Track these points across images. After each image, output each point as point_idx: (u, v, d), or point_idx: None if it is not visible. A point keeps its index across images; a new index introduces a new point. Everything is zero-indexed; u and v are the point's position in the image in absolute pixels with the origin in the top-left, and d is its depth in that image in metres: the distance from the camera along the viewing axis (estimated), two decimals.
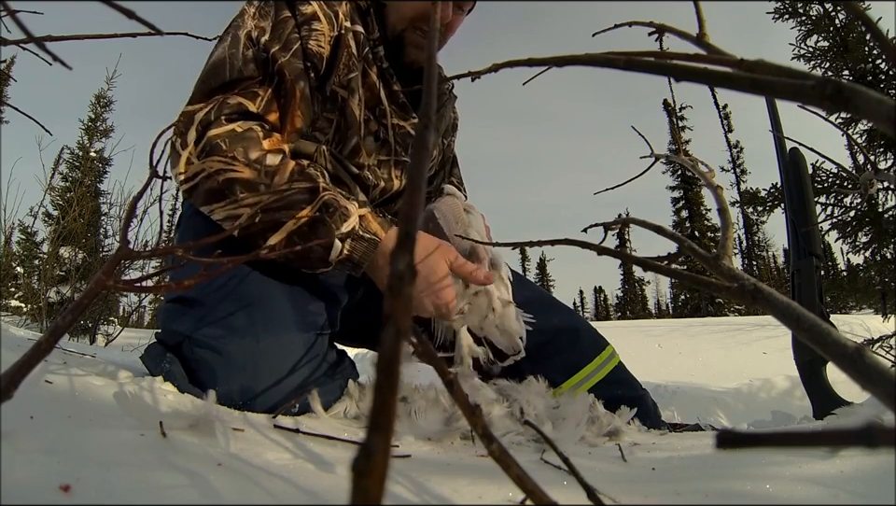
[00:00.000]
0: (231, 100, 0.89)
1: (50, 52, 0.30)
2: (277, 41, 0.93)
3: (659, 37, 0.59)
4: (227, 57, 0.91)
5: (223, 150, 0.85)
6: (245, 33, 0.93)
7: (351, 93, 1.00)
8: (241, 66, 0.91)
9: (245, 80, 0.91)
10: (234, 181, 0.84)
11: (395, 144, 1.09)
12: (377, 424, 0.14)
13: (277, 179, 0.86)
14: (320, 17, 0.96)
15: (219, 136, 0.86)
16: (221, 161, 0.85)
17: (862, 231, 2.66)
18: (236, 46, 0.92)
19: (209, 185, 0.86)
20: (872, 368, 0.26)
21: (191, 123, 0.88)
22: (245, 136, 0.87)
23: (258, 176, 0.85)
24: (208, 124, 0.87)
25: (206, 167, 0.85)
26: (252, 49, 0.92)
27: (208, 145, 0.86)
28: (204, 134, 0.86)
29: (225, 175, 0.85)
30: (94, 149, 8.45)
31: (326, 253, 0.86)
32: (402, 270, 0.16)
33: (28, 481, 0.36)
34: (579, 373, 1.08)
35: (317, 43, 0.95)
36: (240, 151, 0.85)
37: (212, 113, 0.88)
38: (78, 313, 0.35)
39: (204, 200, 0.87)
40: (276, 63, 0.92)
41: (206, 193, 0.86)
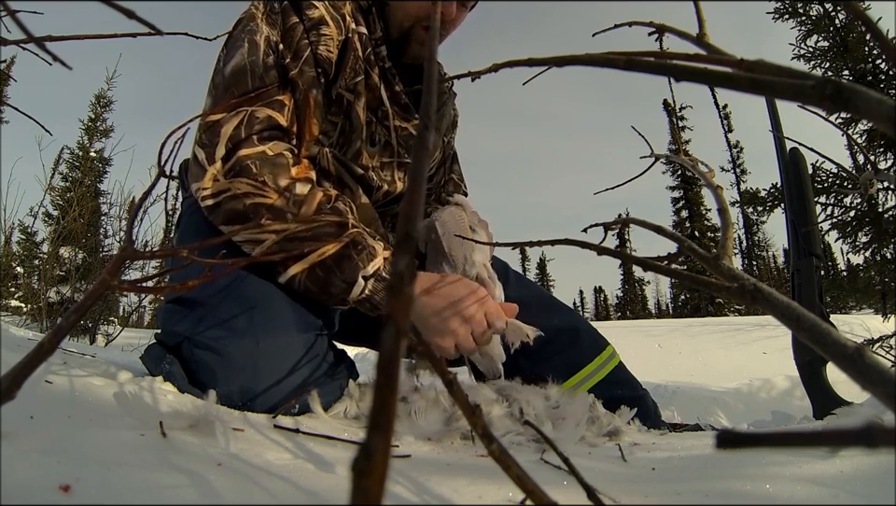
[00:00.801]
0: (259, 113, 0.88)
1: (50, 52, 0.30)
2: (288, 50, 0.92)
3: (659, 37, 0.59)
4: (247, 64, 0.90)
5: (253, 173, 0.84)
6: (264, 38, 0.92)
7: (357, 97, 1.00)
8: (262, 73, 0.90)
9: (269, 89, 0.90)
10: (261, 206, 0.84)
11: (397, 146, 1.09)
12: (377, 424, 0.14)
13: (305, 209, 0.85)
14: (328, 21, 0.95)
15: (250, 157, 0.85)
16: (250, 184, 0.84)
17: (862, 231, 2.65)
18: (256, 52, 0.91)
19: (233, 206, 0.85)
20: (872, 368, 0.26)
21: (218, 136, 0.86)
22: (275, 162, 0.86)
23: (286, 205, 0.84)
24: (239, 142, 0.86)
25: (234, 188, 0.84)
26: (272, 56, 0.91)
27: (238, 165, 0.85)
28: (235, 153, 0.85)
29: (253, 200, 0.84)
30: (94, 149, 8.45)
31: (347, 290, 0.85)
32: (402, 270, 0.16)
33: (28, 481, 0.36)
34: (579, 373, 1.08)
35: (326, 48, 0.95)
36: (270, 177, 0.85)
37: (242, 129, 0.86)
38: (82, 313, 0.35)
39: (226, 220, 0.86)
40: (289, 74, 0.91)
41: (229, 214, 0.85)
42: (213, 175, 0.86)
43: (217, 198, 0.86)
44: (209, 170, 0.86)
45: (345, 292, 0.85)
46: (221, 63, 0.94)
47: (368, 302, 0.87)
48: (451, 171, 1.38)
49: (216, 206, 0.86)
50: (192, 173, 0.89)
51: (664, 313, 35.94)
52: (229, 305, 0.85)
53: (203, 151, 0.87)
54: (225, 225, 0.87)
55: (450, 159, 1.37)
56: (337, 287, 0.85)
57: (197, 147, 0.88)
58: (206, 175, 0.86)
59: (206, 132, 0.87)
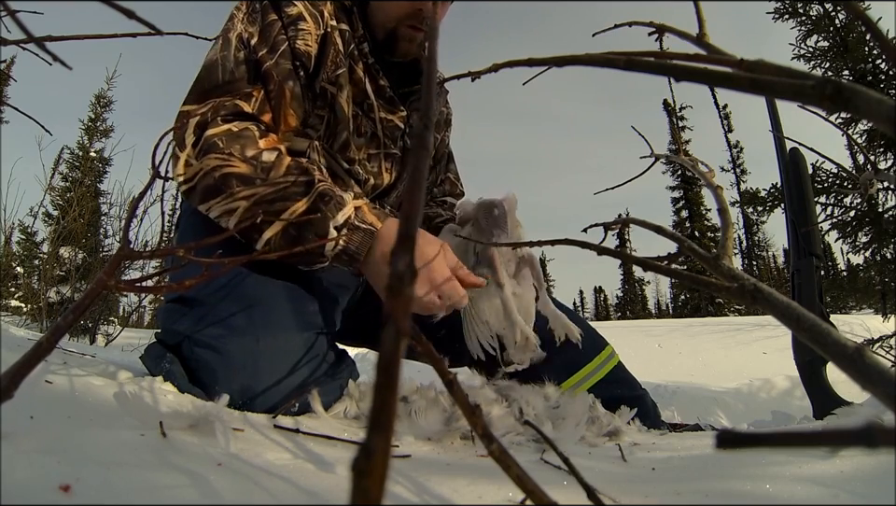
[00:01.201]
0: (226, 102, 0.90)
1: (50, 52, 0.30)
2: (265, 44, 0.94)
3: (659, 37, 0.59)
4: (219, 59, 0.93)
5: (220, 148, 0.86)
6: (236, 35, 0.95)
7: (339, 89, 1.02)
8: (233, 68, 0.92)
9: (238, 82, 0.92)
10: (230, 175, 0.85)
11: (383, 137, 1.10)
12: (377, 424, 0.14)
13: (273, 174, 0.86)
14: (306, 17, 0.98)
15: (216, 135, 0.87)
16: (218, 157, 0.85)
17: (862, 231, 2.66)
18: (228, 48, 0.94)
19: (206, 182, 0.86)
20: (872, 368, 0.26)
21: (188, 126, 0.89)
22: (241, 135, 0.88)
23: (253, 171, 0.85)
24: (205, 125, 0.88)
25: (204, 165, 0.86)
26: (244, 51, 0.94)
27: (206, 144, 0.86)
28: (202, 135, 0.87)
29: (221, 171, 0.85)
30: (94, 149, 8.45)
31: (322, 245, 0.85)
32: (402, 270, 0.16)
33: (28, 481, 0.36)
34: (578, 373, 1.08)
35: (304, 42, 0.97)
36: (237, 148, 0.86)
37: (208, 114, 0.89)
38: (80, 313, 0.35)
39: (202, 198, 0.87)
40: (263, 66, 0.93)
41: (203, 191, 0.87)
42: (185, 161, 0.88)
43: (192, 181, 0.87)
44: (181, 156, 0.88)
45: (320, 246, 0.85)
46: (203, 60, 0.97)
47: (344, 253, 0.86)
48: (447, 170, 1.38)
49: (192, 189, 0.88)
50: (171, 164, 0.91)
51: (664, 313, 35.93)
52: (229, 304, 0.85)
53: (175, 140, 0.89)
54: (202, 203, 0.88)
55: (445, 158, 1.37)
56: (309, 241, 0.85)
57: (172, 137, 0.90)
58: (179, 162, 0.88)
59: (178, 123, 0.90)
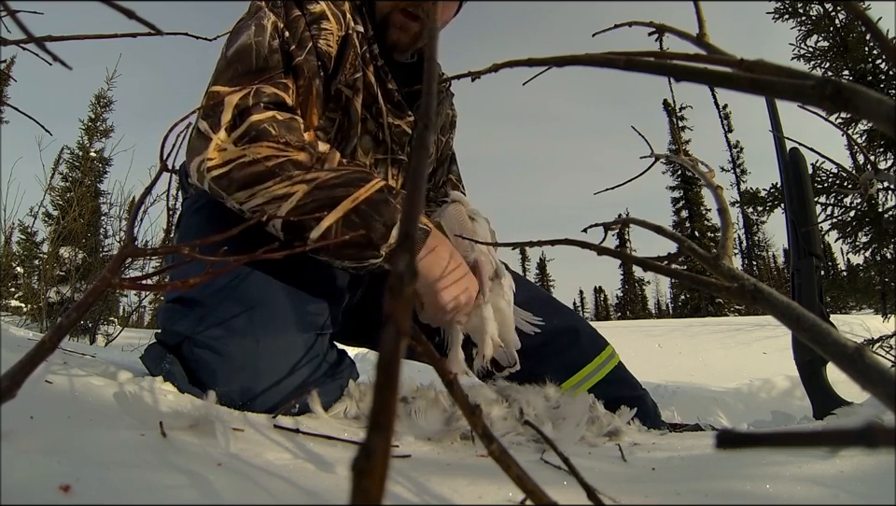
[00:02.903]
0: (266, 89, 0.87)
1: (50, 52, 0.30)
2: (293, 39, 0.92)
3: (659, 37, 0.59)
4: (253, 43, 0.89)
5: (273, 135, 0.82)
6: (272, 22, 0.92)
7: (356, 93, 1.00)
8: (266, 55, 0.89)
9: (271, 70, 0.89)
10: (288, 162, 0.82)
11: (391, 143, 1.09)
12: (377, 424, 0.14)
13: (327, 165, 0.84)
14: (329, 16, 0.96)
15: (264, 121, 0.83)
16: (272, 146, 0.82)
17: (862, 231, 2.66)
18: (262, 34, 0.91)
19: (252, 169, 0.82)
20: (872, 368, 0.26)
21: (222, 105, 0.84)
22: (289, 125, 0.85)
23: (310, 160, 0.83)
24: (247, 109, 0.84)
25: (250, 154, 0.82)
26: (278, 41, 0.91)
27: (252, 129, 0.82)
28: (244, 119, 0.83)
29: (277, 161, 0.81)
30: (94, 149, 8.45)
31: (387, 234, 0.82)
32: (402, 270, 0.16)
33: (28, 481, 0.36)
34: (578, 373, 1.08)
35: (326, 43, 0.95)
36: (291, 137, 0.83)
37: (249, 98, 0.85)
38: (83, 311, 0.35)
39: (243, 185, 0.83)
40: (294, 61, 0.91)
41: (248, 177, 0.82)
42: (217, 145, 0.83)
43: (227, 166, 0.83)
44: (213, 139, 0.83)
45: (384, 237, 0.82)
46: (225, 49, 0.94)
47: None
48: (449, 171, 1.38)
49: (225, 175, 0.83)
50: (193, 147, 0.86)
51: (664, 313, 35.93)
52: (229, 305, 0.85)
53: (206, 122, 0.84)
54: (242, 190, 0.83)
55: (448, 159, 1.37)
56: (377, 230, 0.81)
57: (200, 119, 0.85)
58: (211, 145, 0.83)
59: (209, 104, 0.85)
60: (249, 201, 0.83)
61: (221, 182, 0.84)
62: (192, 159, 0.86)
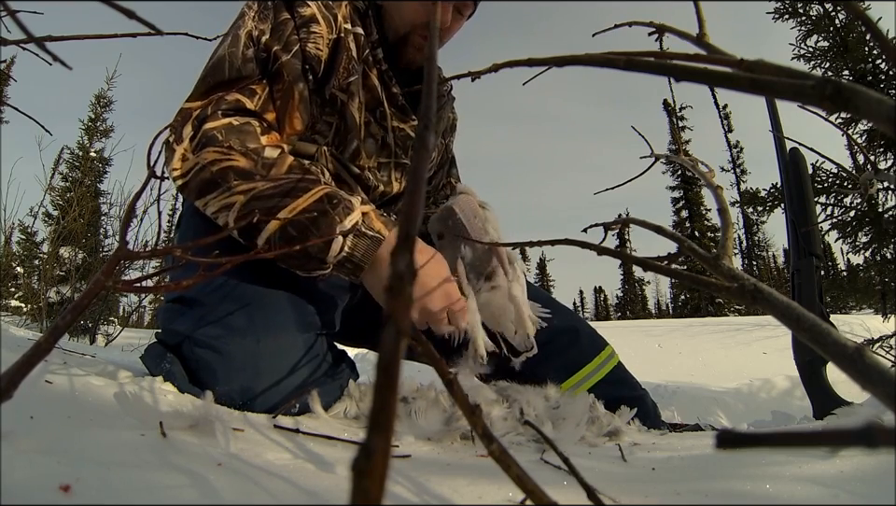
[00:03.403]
0: (228, 97, 0.89)
1: (50, 52, 0.30)
2: (278, 41, 0.92)
3: (659, 37, 0.59)
4: (227, 55, 0.91)
5: (219, 141, 0.83)
6: (246, 32, 0.93)
7: (350, 97, 1.00)
8: (240, 65, 0.90)
9: (244, 79, 0.90)
10: (228, 169, 0.82)
11: (395, 146, 1.09)
12: (377, 424, 0.14)
13: (275, 171, 0.83)
14: (319, 19, 0.96)
15: (215, 128, 0.84)
16: (216, 151, 0.83)
17: (862, 231, 2.66)
18: (236, 45, 0.92)
19: (202, 176, 0.83)
20: (872, 368, 0.26)
21: (188, 119, 0.87)
22: (242, 129, 0.86)
23: (253, 166, 0.83)
24: (204, 118, 0.86)
25: (201, 160, 0.83)
26: (252, 49, 0.92)
27: (204, 137, 0.84)
28: (200, 128, 0.85)
29: (219, 165, 0.82)
30: (94, 149, 8.46)
31: (325, 249, 0.81)
32: (402, 270, 0.16)
33: (28, 481, 0.36)
34: (578, 373, 1.08)
35: (315, 46, 0.95)
36: (236, 142, 0.84)
37: (208, 108, 0.87)
38: (78, 313, 0.35)
39: (198, 193, 0.85)
40: (277, 63, 0.91)
41: (199, 186, 0.84)
42: (181, 155, 0.85)
43: (188, 176, 0.85)
44: (177, 150, 0.85)
45: (323, 252, 0.81)
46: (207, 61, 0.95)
47: (348, 261, 0.82)
48: (449, 174, 1.38)
49: (186, 184, 0.85)
50: (165, 159, 0.89)
51: (664, 313, 35.92)
52: (229, 304, 0.85)
53: (172, 134, 0.87)
54: (199, 199, 0.85)
55: (448, 162, 1.37)
56: (313, 246, 0.81)
57: (169, 133, 0.88)
58: (175, 156, 0.86)
59: (178, 118, 0.88)
60: (206, 208, 0.85)
61: (184, 191, 0.87)
62: (166, 169, 0.89)
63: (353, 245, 0.82)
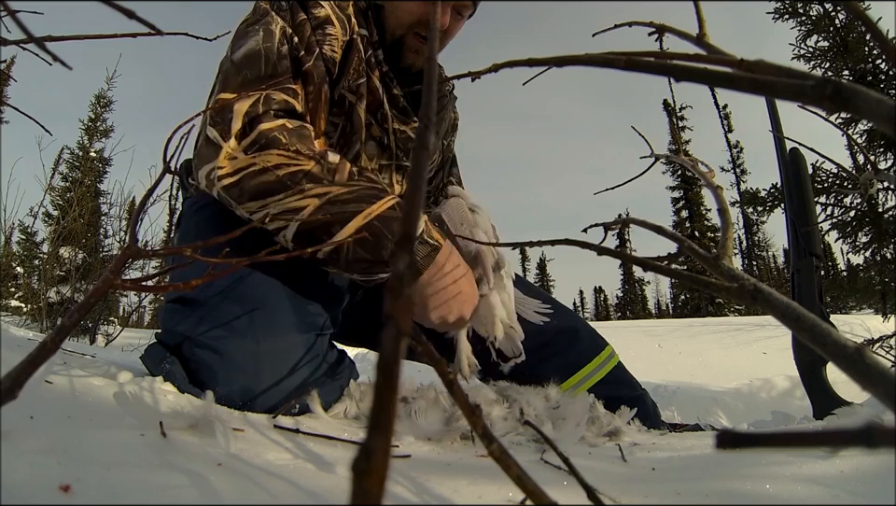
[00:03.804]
0: (275, 95, 0.86)
1: (50, 52, 0.30)
2: (302, 43, 0.92)
3: (659, 37, 0.59)
4: (262, 49, 0.89)
5: (283, 143, 0.82)
6: (280, 27, 0.91)
7: (359, 98, 1.00)
8: (276, 61, 0.89)
9: (280, 76, 0.89)
10: (299, 173, 0.81)
11: (396, 148, 1.09)
12: (377, 424, 0.14)
13: (338, 177, 0.83)
14: (333, 21, 0.95)
15: (274, 130, 0.82)
16: (282, 154, 0.81)
17: (862, 231, 2.66)
18: (271, 39, 0.90)
19: (263, 179, 0.81)
20: (872, 368, 0.26)
21: (231, 113, 0.83)
22: (300, 133, 0.85)
23: (321, 171, 0.82)
24: (256, 117, 0.83)
25: (261, 162, 0.81)
26: (286, 46, 0.91)
27: (263, 137, 0.82)
28: (253, 127, 0.83)
29: (288, 169, 0.81)
30: (94, 149, 8.45)
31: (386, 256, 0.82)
32: (402, 270, 0.16)
33: (28, 481, 0.36)
34: (578, 373, 1.08)
35: (331, 48, 0.94)
36: (301, 146, 0.83)
37: (259, 106, 0.84)
38: (85, 311, 0.35)
39: (254, 195, 0.82)
40: (304, 67, 0.91)
41: (258, 188, 0.82)
42: (228, 154, 0.83)
43: (238, 175, 0.82)
44: (224, 148, 0.82)
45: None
46: (230, 52, 0.93)
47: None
48: (450, 174, 1.38)
49: (236, 184, 0.83)
50: (202, 155, 0.86)
51: (664, 313, 35.91)
52: (230, 305, 0.84)
53: (215, 129, 0.84)
54: (253, 200, 0.83)
55: (449, 162, 1.37)
56: (388, 248, 0.82)
57: (209, 126, 0.85)
58: (221, 154, 0.82)
59: (217, 111, 0.85)
60: (259, 211, 0.83)
61: (232, 191, 0.84)
62: (202, 166, 0.86)
63: (417, 250, 0.85)
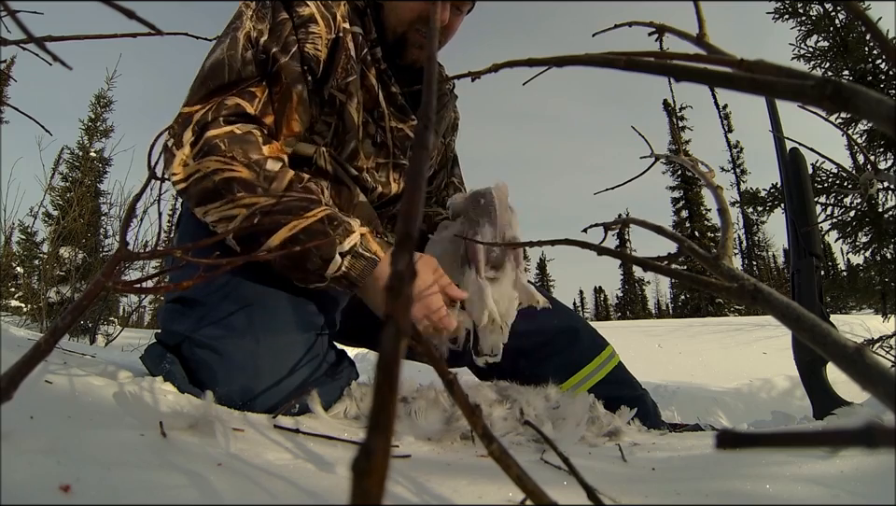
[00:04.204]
0: (228, 101, 0.88)
1: (50, 52, 0.30)
2: (276, 43, 0.92)
3: (659, 37, 0.59)
4: (226, 58, 0.90)
5: (222, 150, 0.84)
6: (245, 33, 0.92)
7: (349, 97, 1.00)
8: (240, 68, 0.90)
9: (244, 82, 0.90)
10: (232, 180, 0.83)
11: (393, 147, 1.08)
12: (377, 424, 0.14)
13: (276, 185, 0.84)
14: (317, 19, 0.95)
15: (218, 137, 0.85)
16: (219, 160, 0.83)
17: (862, 231, 2.66)
18: (235, 47, 0.91)
19: (204, 185, 0.84)
20: (872, 368, 0.26)
21: (188, 124, 0.87)
22: (244, 139, 0.86)
23: (256, 179, 0.84)
24: (205, 125, 0.86)
25: (202, 168, 0.84)
26: (251, 51, 0.91)
27: (206, 145, 0.84)
28: (202, 135, 0.85)
29: (222, 175, 0.83)
30: (94, 149, 8.46)
31: (324, 266, 0.84)
32: (402, 270, 0.16)
33: (28, 481, 0.36)
34: (578, 373, 1.08)
35: (314, 46, 0.94)
36: (239, 152, 0.84)
37: (209, 114, 0.87)
38: (78, 314, 0.35)
39: (198, 201, 0.86)
40: (276, 64, 0.91)
41: (201, 193, 0.85)
42: (181, 161, 0.86)
43: (188, 181, 0.85)
44: (177, 155, 0.86)
45: (322, 269, 0.84)
46: (204, 61, 0.95)
47: (345, 278, 0.85)
48: (451, 174, 1.38)
49: (186, 189, 0.86)
50: (165, 161, 0.89)
51: (664, 313, 35.91)
52: (229, 305, 0.85)
53: (172, 139, 0.87)
54: (198, 207, 0.86)
55: (451, 161, 1.37)
56: (313, 263, 0.84)
57: (168, 136, 0.88)
58: (175, 161, 0.86)
59: (178, 122, 0.88)
60: (206, 217, 0.86)
61: (183, 196, 0.88)
62: (167, 173, 0.89)
63: (350, 264, 0.85)
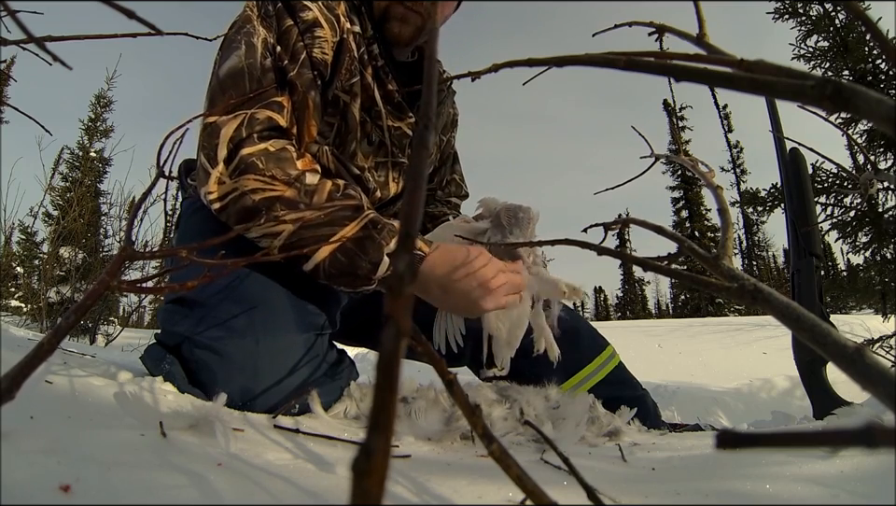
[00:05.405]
0: (259, 114, 0.88)
1: (50, 52, 0.30)
2: (285, 52, 0.92)
3: (659, 37, 0.59)
4: (245, 66, 0.89)
5: (260, 169, 0.84)
6: (261, 40, 0.92)
7: (353, 98, 0.99)
8: (260, 76, 0.89)
9: (267, 91, 0.90)
10: (273, 199, 0.83)
11: (391, 146, 1.08)
12: (377, 424, 0.14)
13: (317, 198, 0.85)
14: (322, 22, 0.95)
15: (254, 155, 0.85)
16: (258, 179, 0.84)
17: (862, 231, 2.66)
18: (253, 55, 0.90)
19: (243, 203, 0.84)
20: (872, 368, 0.26)
21: (217, 138, 0.86)
22: (280, 156, 0.86)
23: (297, 195, 0.84)
24: (240, 142, 0.85)
25: (241, 186, 0.84)
26: (270, 59, 0.91)
27: (242, 163, 0.84)
28: (237, 153, 0.85)
29: (263, 194, 0.83)
30: (94, 149, 8.46)
31: (373, 270, 0.85)
32: (402, 270, 0.16)
33: (28, 481, 0.36)
34: (578, 374, 1.08)
35: (321, 51, 0.94)
36: (278, 171, 0.85)
37: (242, 130, 0.86)
38: (82, 313, 0.35)
39: (239, 219, 0.86)
40: (288, 76, 0.91)
41: (241, 212, 0.85)
42: (217, 178, 0.85)
43: (225, 200, 0.86)
44: (212, 173, 0.85)
45: (371, 272, 0.85)
46: (216, 66, 0.94)
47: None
48: (452, 171, 1.37)
49: (224, 208, 0.86)
50: (198, 177, 0.90)
51: (664, 313, 35.89)
52: (229, 305, 0.84)
53: (203, 154, 0.87)
54: (239, 224, 0.86)
55: (451, 159, 1.37)
56: (363, 268, 0.85)
57: (199, 150, 0.88)
58: (210, 179, 0.86)
59: (206, 135, 0.87)
60: (248, 233, 0.86)
61: (222, 215, 0.88)
62: (199, 189, 0.89)
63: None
